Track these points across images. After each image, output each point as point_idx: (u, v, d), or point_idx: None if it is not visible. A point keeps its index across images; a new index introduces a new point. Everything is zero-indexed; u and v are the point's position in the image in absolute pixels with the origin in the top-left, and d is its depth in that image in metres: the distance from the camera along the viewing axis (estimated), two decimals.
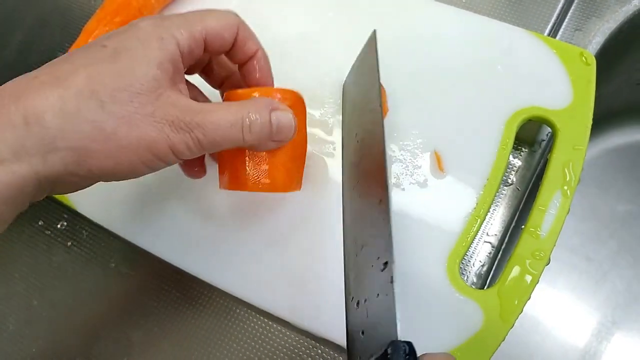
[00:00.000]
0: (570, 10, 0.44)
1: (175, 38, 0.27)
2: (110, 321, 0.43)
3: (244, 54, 0.31)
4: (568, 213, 0.33)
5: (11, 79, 0.26)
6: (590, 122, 0.35)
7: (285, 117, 0.30)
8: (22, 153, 0.24)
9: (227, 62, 0.34)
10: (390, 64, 0.39)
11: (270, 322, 0.39)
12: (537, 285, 0.32)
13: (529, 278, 0.32)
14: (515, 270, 0.32)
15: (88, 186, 0.27)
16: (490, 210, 0.40)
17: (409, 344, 0.24)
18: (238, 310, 0.40)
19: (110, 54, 0.26)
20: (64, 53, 0.42)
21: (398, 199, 0.35)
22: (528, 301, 0.32)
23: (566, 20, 0.44)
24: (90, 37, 0.42)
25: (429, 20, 0.39)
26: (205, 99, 0.35)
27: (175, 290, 0.42)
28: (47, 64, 0.27)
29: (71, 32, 0.52)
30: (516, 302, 0.32)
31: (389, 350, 0.23)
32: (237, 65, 0.33)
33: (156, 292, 0.43)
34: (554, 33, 0.44)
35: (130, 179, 0.28)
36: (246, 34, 0.31)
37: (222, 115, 0.28)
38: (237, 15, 0.31)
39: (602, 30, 0.43)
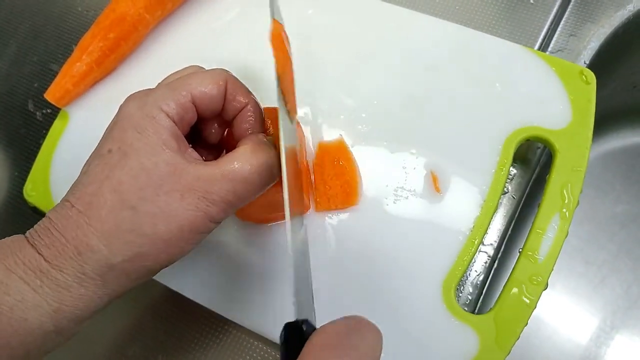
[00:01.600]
0: (565, 16, 0.44)
1: (163, 111, 0.28)
2: (104, 337, 0.43)
3: (234, 108, 0.31)
4: (566, 236, 0.33)
5: (5, 90, 0.26)
6: (590, 142, 0.34)
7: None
8: (84, 278, 0.26)
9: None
10: (385, 83, 0.38)
11: (262, 345, 0.40)
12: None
13: (526, 303, 0.32)
14: (512, 296, 0.32)
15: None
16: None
17: (304, 321, 0.24)
18: (233, 328, 0.40)
19: (119, 158, 0.27)
20: (58, 64, 0.42)
21: (394, 220, 0.35)
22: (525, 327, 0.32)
23: (560, 25, 0.43)
24: (85, 52, 0.41)
25: (426, 37, 0.39)
26: None
27: (171, 305, 0.42)
28: (75, 185, 0.28)
29: (65, 43, 0.51)
30: (513, 328, 0.32)
31: (282, 334, 0.24)
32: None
33: (151, 307, 0.43)
34: (548, 39, 0.43)
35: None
36: (235, 88, 0.30)
37: (247, 169, 0.28)
38: (225, 71, 0.30)
39: (597, 35, 0.43)
